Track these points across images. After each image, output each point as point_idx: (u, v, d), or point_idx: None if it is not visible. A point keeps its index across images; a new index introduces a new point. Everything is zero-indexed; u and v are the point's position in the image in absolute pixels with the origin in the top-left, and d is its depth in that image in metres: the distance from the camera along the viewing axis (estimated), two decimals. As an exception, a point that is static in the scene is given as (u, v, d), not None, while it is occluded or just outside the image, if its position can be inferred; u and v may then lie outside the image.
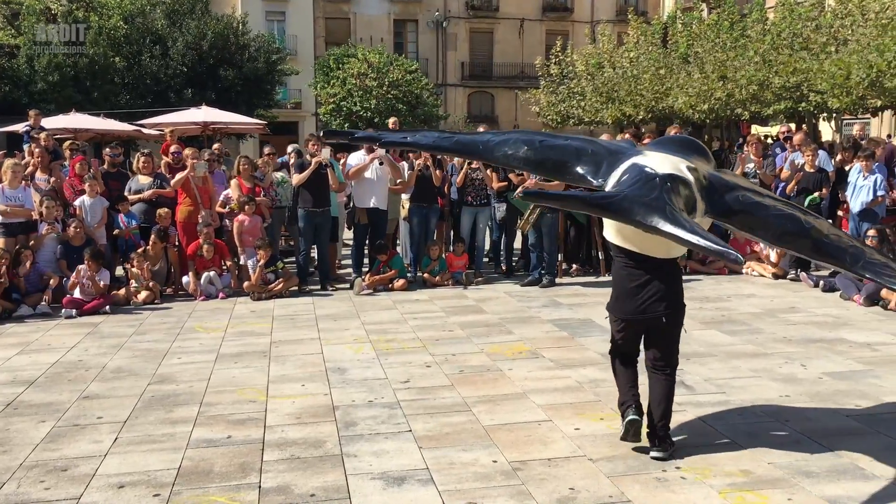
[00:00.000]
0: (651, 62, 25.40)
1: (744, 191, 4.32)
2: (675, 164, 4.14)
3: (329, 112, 30.74)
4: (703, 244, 3.48)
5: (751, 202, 4.22)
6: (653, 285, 4.32)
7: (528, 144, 4.69)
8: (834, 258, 4.13)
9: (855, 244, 4.27)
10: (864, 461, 4.23)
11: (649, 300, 4.33)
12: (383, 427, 4.94)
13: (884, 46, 15.56)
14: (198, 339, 7.50)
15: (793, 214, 4.24)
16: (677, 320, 4.40)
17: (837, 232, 4.46)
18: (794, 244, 4.32)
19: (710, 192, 4.17)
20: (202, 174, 9.90)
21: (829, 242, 4.11)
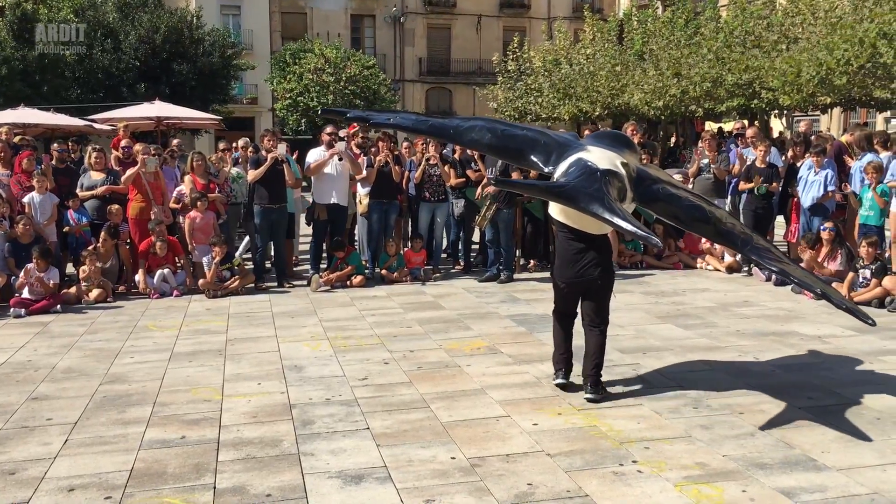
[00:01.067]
0: (607, 59, 25.61)
1: (663, 184, 5.25)
2: (611, 160, 4.98)
3: (286, 107, 30.45)
4: (630, 229, 4.34)
5: (668, 193, 5.16)
6: (589, 255, 5.22)
7: (491, 132, 5.56)
8: (729, 242, 5.09)
9: (745, 231, 5.17)
10: (816, 452, 4.30)
11: (586, 266, 5.22)
12: (341, 425, 4.89)
13: (833, 45, 15.84)
14: (151, 337, 7.37)
15: (699, 205, 5.15)
16: (608, 284, 5.33)
17: (733, 221, 5.35)
18: (700, 229, 5.29)
19: (638, 183, 5.06)
20: (153, 170, 9.72)
21: (726, 229, 5.00)
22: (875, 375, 5.69)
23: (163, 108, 17.89)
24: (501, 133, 5.59)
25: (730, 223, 5.12)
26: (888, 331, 7.05)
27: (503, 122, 6.10)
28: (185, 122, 19.72)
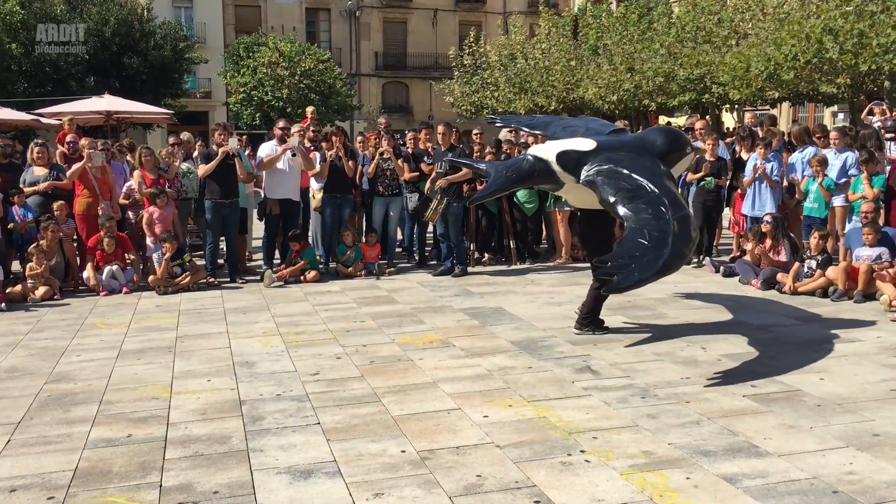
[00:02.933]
0: (562, 54, 25.80)
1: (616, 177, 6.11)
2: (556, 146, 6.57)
3: (240, 101, 30.14)
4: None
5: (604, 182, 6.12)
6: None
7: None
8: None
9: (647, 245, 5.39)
10: (759, 439, 4.40)
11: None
12: (291, 420, 4.87)
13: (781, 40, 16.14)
14: (99, 335, 7.25)
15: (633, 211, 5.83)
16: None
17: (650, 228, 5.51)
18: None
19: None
20: (100, 164, 9.55)
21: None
22: (816, 364, 5.83)
23: (112, 103, 17.60)
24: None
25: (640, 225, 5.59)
26: (831, 320, 7.22)
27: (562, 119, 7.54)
28: (135, 117, 19.42)
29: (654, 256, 5.23)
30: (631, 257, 5.32)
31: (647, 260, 5.24)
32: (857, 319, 7.22)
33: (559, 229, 10.75)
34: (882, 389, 5.22)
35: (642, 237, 5.39)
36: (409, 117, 37.32)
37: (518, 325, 7.28)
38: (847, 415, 4.75)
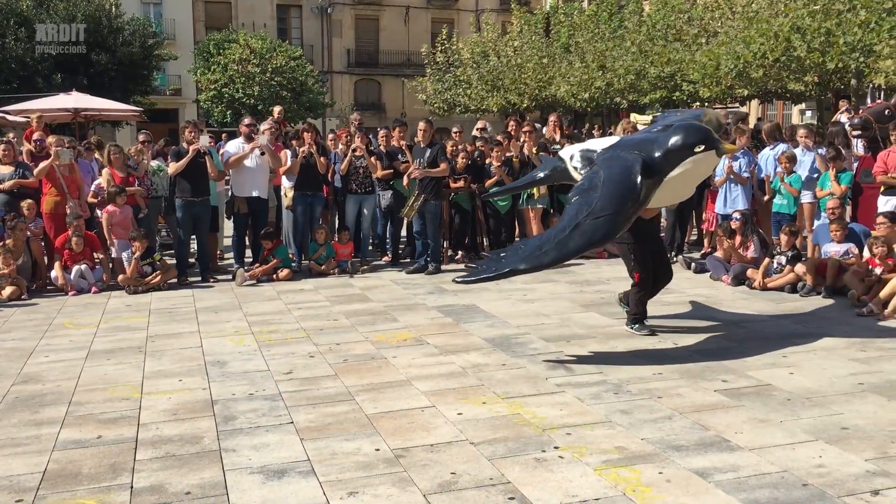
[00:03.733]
0: (534, 51, 25.90)
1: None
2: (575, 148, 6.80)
3: (210, 99, 29.87)
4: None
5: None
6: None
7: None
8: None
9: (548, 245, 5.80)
10: (729, 433, 4.44)
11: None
12: (264, 420, 4.84)
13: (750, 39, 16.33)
14: (67, 335, 7.15)
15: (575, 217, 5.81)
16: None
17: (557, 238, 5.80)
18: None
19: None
20: (67, 162, 9.41)
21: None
22: (786, 358, 5.90)
23: (80, 100, 17.36)
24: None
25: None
26: (800, 315, 7.32)
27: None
28: (104, 114, 19.17)
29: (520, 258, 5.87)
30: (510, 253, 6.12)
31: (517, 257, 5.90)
32: (826, 314, 7.32)
33: (532, 227, 10.77)
34: (850, 383, 5.29)
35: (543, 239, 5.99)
36: (382, 115, 37.25)
37: (491, 322, 7.29)
38: (816, 408, 4.81)
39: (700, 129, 5.96)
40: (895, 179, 8.60)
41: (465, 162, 10.64)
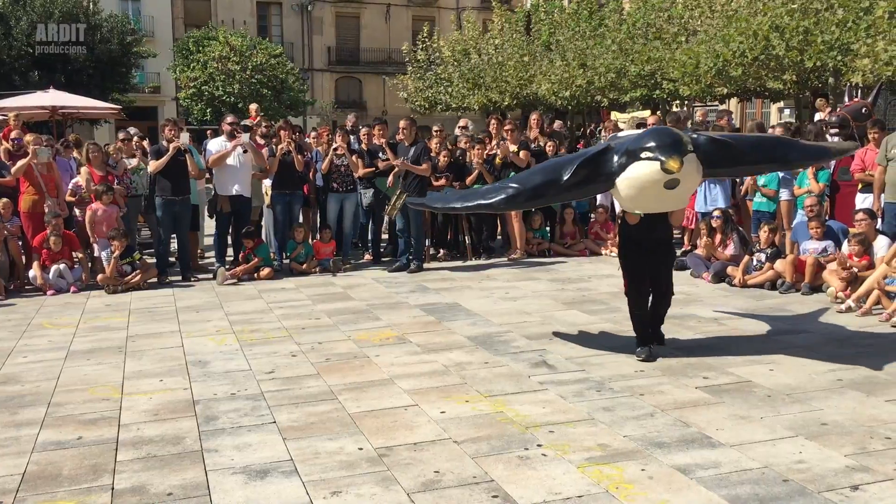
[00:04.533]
0: (515, 49, 25.89)
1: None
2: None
3: (190, 96, 29.66)
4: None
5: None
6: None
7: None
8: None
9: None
10: (711, 430, 4.47)
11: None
12: (246, 420, 4.81)
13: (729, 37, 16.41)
14: (46, 335, 7.08)
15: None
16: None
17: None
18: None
19: None
20: (45, 160, 9.31)
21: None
22: (766, 355, 5.94)
23: (58, 97, 17.16)
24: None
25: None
26: (779, 312, 7.38)
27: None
28: (82, 112, 18.97)
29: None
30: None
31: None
32: (805, 311, 7.39)
33: (514, 224, 10.79)
34: (829, 379, 5.34)
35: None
36: (363, 112, 37.13)
37: (474, 320, 7.30)
38: (796, 405, 4.85)
39: (662, 137, 5.31)
40: (872, 177, 8.69)
41: (447, 160, 10.64)
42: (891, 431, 4.39)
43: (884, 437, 4.31)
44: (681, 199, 5.66)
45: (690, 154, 5.24)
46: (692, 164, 5.28)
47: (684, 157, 5.13)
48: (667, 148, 5.16)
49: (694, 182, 5.57)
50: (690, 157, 5.23)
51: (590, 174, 5.56)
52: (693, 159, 5.27)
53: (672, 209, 5.76)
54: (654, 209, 5.65)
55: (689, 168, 5.21)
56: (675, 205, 5.69)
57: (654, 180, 5.21)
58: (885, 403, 4.85)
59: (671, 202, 5.57)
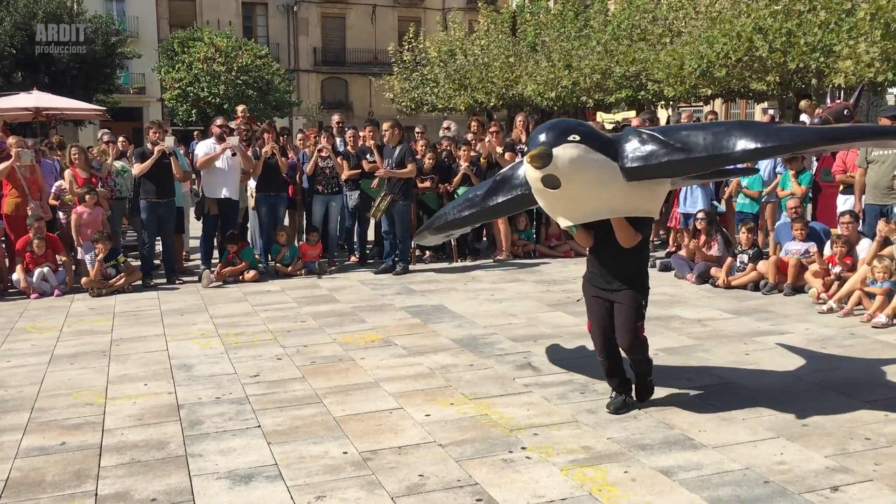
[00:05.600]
0: (501, 50, 25.99)
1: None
2: None
3: (175, 97, 29.56)
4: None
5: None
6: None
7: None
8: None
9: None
10: (693, 431, 4.50)
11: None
12: (231, 424, 4.81)
13: (713, 39, 16.54)
14: (29, 339, 7.04)
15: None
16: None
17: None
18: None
19: None
20: (28, 163, 9.26)
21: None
22: (749, 356, 5.99)
23: (41, 99, 17.08)
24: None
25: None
26: (762, 313, 7.43)
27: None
28: (66, 113, 18.87)
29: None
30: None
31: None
32: (787, 312, 7.45)
33: (499, 226, 10.82)
34: (810, 380, 5.39)
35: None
36: (349, 113, 37.11)
37: (459, 322, 7.32)
38: (778, 406, 4.89)
39: (540, 127, 4.40)
40: (853, 178, 8.77)
41: (432, 162, 10.66)
42: (870, 432, 4.44)
43: (864, 438, 4.36)
44: (582, 204, 4.43)
45: (571, 147, 4.13)
46: (575, 161, 4.14)
47: (555, 149, 4.11)
48: (533, 138, 4.30)
49: (586, 183, 4.26)
50: (571, 151, 4.12)
51: (503, 185, 5.05)
52: (578, 155, 4.13)
53: (583, 216, 4.51)
54: (562, 214, 4.56)
55: (566, 165, 4.14)
56: (582, 210, 4.47)
57: (532, 178, 4.34)
58: (865, 404, 4.90)
59: (572, 206, 4.46)
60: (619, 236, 4.56)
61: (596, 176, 4.25)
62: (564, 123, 4.34)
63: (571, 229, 4.64)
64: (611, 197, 4.37)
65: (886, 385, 5.30)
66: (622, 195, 4.37)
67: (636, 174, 4.28)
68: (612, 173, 4.26)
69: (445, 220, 5.62)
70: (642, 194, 4.46)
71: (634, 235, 4.58)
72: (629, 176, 4.28)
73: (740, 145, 4.11)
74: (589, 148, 4.18)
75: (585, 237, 4.76)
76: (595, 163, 4.21)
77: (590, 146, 4.19)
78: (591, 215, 4.50)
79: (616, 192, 4.34)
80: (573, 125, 4.33)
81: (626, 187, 4.34)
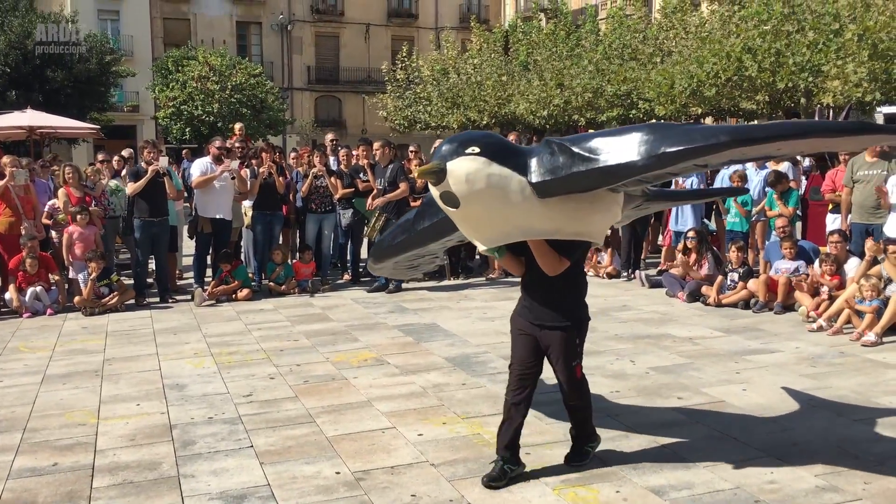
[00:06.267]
0: (493, 69, 26.14)
1: None
2: None
3: (169, 116, 29.61)
4: None
5: None
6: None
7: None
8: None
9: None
10: (685, 451, 4.53)
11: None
12: (223, 444, 4.81)
13: (703, 58, 16.70)
14: (22, 359, 7.03)
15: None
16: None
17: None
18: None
19: None
20: (22, 182, 9.28)
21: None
22: (740, 374, 6.03)
23: (35, 117, 17.08)
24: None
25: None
26: (752, 331, 7.48)
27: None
28: (60, 132, 18.88)
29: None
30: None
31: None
32: (778, 330, 7.49)
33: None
34: (801, 399, 5.43)
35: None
36: (343, 131, 37.22)
37: (452, 341, 7.34)
38: (768, 424, 4.93)
39: (452, 137, 3.97)
40: (840, 197, 8.86)
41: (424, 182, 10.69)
42: (860, 451, 4.48)
43: (853, 457, 4.39)
44: (489, 224, 3.88)
45: (468, 160, 3.65)
46: (472, 175, 3.64)
47: (450, 163, 3.67)
48: (435, 151, 3.92)
49: (487, 200, 3.71)
50: (467, 165, 3.64)
51: (430, 208, 4.43)
52: (476, 169, 3.64)
53: (495, 239, 3.96)
54: (474, 236, 4.03)
55: (461, 180, 3.65)
56: (491, 232, 3.93)
57: (434, 196, 3.89)
58: (855, 423, 4.94)
59: (480, 227, 3.92)
60: (539, 262, 4.01)
61: (498, 192, 3.68)
62: (467, 135, 3.87)
63: (493, 253, 4.04)
64: (521, 216, 3.78)
65: (876, 404, 5.34)
66: (538, 214, 3.77)
67: (544, 189, 3.69)
68: (518, 189, 3.69)
69: (381, 247, 5.06)
70: (568, 214, 3.83)
71: (558, 261, 3.99)
72: (538, 192, 3.70)
73: (645, 152, 3.49)
74: (489, 161, 3.66)
75: (514, 264, 4.19)
76: (496, 177, 3.66)
77: (491, 159, 3.66)
78: (503, 237, 3.94)
79: (527, 211, 3.76)
80: (476, 136, 3.82)
81: (541, 206, 3.74)
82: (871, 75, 13.71)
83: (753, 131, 3.55)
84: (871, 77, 13.74)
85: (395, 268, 5.34)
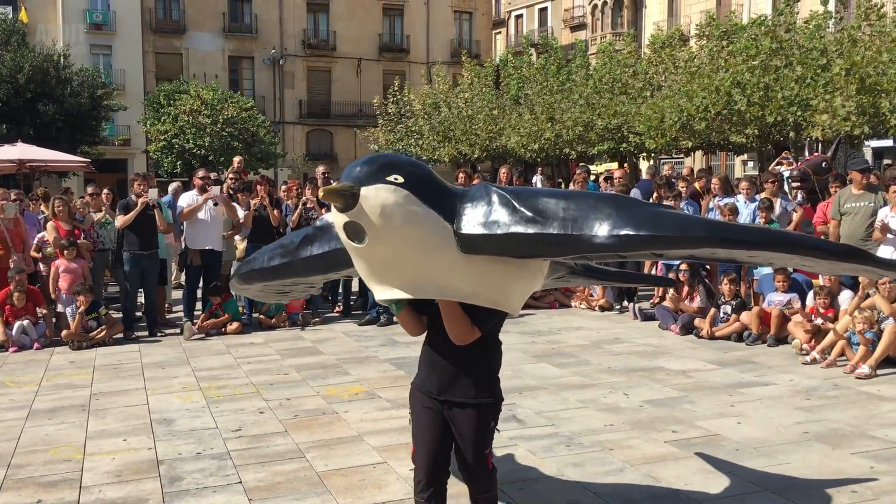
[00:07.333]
0: (484, 103, 26.34)
1: None
2: None
3: (160, 149, 29.66)
4: None
5: None
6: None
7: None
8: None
9: None
10: (680, 485, 4.47)
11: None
12: (211, 480, 4.73)
13: (692, 92, 16.85)
14: (8, 394, 6.93)
15: None
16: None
17: None
18: None
19: None
20: (12, 216, 9.23)
21: None
22: (734, 408, 5.99)
23: (26, 151, 17.07)
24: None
25: None
26: (746, 364, 7.44)
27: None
28: (50, 165, 18.86)
29: None
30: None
31: None
32: (771, 363, 7.46)
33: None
34: (795, 432, 5.38)
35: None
36: (334, 164, 37.33)
37: (444, 374, 7.26)
38: (763, 458, 4.88)
39: (372, 156, 3.19)
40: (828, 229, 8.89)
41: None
42: (857, 485, 4.43)
43: (850, 491, 4.34)
44: (396, 271, 3.12)
45: (388, 191, 2.92)
46: (388, 209, 2.92)
47: (365, 188, 2.92)
48: (347, 171, 3.06)
49: (401, 242, 2.98)
50: (385, 195, 2.92)
51: (322, 233, 3.74)
52: (395, 202, 2.92)
53: (400, 288, 3.14)
54: (374, 281, 3.20)
55: (374, 212, 2.92)
56: (397, 280, 3.13)
57: (336, 223, 3.09)
58: (851, 456, 4.89)
59: (386, 271, 3.13)
60: (447, 325, 3.22)
61: (417, 235, 2.98)
62: (390, 158, 3.12)
63: (392, 306, 3.27)
64: (438, 270, 3.08)
65: (871, 436, 5.30)
66: (458, 271, 3.08)
67: (472, 244, 3.02)
68: (441, 237, 3.01)
69: (252, 267, 4.14)
70: (492, 277, 3.15)
71: (469, 330, 3.23)
72: (463, 245, 3.03)
73: (605, 229, 2.91)
74: (412, 196, 2.96)
75: (412, 322, 3.38)
76: (417, 217, 2.96)
77: (415, 193, 2.97)
78: (411, 289, 3.14)
79: (447, 265, 3.07)
80: (401, 162, 3.08)
81: (464, 262, 3.06)
82: (860, 109, 13.84)
83: (734, 232, 3.07)
84: (860, 111, 13.87)
85: (263, 291, 4.55)
